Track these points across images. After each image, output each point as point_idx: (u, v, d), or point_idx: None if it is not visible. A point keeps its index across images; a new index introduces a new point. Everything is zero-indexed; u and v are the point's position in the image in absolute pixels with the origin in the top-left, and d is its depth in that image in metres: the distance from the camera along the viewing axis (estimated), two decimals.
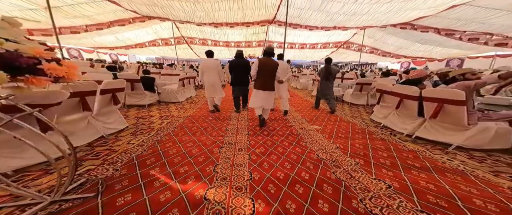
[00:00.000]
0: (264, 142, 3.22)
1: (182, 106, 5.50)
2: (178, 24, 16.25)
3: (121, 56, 20.18)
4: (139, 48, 17.49)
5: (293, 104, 6.41)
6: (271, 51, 3.52)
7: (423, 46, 14.11)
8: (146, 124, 3.81)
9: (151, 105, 5.32)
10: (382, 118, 4.02)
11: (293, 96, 7.84)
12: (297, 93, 8.81)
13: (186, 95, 6.42)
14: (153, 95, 5.22)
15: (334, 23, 13.19)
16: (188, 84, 6.50)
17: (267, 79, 3.45)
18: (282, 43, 20.13)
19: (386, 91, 3.83)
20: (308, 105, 6.17)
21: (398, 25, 12.36)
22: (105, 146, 2.74)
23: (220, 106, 5.04)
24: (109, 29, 13.08)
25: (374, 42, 16.22)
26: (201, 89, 8.83)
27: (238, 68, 4.34)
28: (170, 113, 4.70)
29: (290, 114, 5.14)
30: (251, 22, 15.01)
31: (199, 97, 7.01)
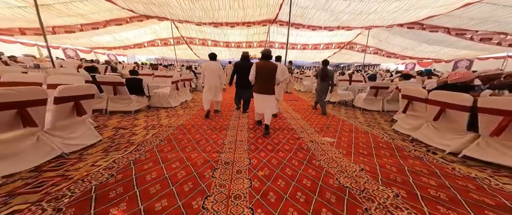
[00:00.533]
0: (269, 161, 2.54)
1: (175, 112, 4.83)
2: (177, 24, 15.61)
3: (120, 56, 19.56)
4: (138, 48, 16.86)
5: (298, 109, 5.74)
6: (268, 54, 3.37)
7: (431, 47, 13.40)
8: (125, 136, 3.13)
9: (139, 111, 4.64)
10: (411, 129, 3.32)
11: (297, 100, 7.15)
12: (302, 97, 8.14)
13: (180, 99, 5.74)
14: (142, 100, 4.55)
15: (338, 23, 12.49)
16: (183, 88, 5.81)
17: (265, 83, 3.31)
18: (284, 44, 19.46)
19: (418, 99, 3.13)
20: (316, 111, 5.49)
21: (406, 25, 11.65)
22: (58, 170, 2.06)
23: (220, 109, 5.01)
24: (105, 29, 12.46)
25: (378, 43, 15.53)
26: (198, 92, 8.16)
27: (243, 70, 4.15)
28: (159, 121, 4.02)
29: (296, 121, 4.46)
30: (252, 22, 14.35)
31: (195, 101, 6.33)
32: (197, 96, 7.16)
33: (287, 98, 7.54)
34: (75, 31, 11.52)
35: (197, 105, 5.74)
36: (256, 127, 3.90)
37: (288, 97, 7.69)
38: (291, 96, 8.01)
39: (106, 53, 17.44)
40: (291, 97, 7.84)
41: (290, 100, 6.97)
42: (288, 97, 7.69)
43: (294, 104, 6.42)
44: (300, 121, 4.55)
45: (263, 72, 3.27)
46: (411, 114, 3.34)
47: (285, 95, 8.09)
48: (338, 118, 4.78)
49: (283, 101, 6.80)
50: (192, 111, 5.11)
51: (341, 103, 6.54)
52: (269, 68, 3.27)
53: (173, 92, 5.18)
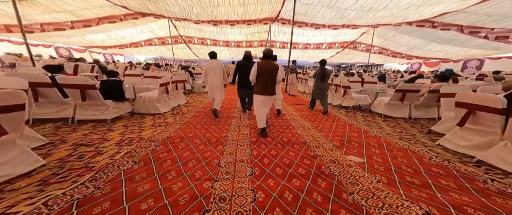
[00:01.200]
0: (281, 194, 1.78)
1: (163, 120, 3.99)
2: (175, 22, 14.78)
3: (116, 56, 18.71)
4: (134, 47, 16.02)
5: (307, 116, 4.92)
6: (270, 54, 3.21)
7: (440, 46, 12.60)
8: (85, 158, 2.29)
9: (118, 119, 3.79)
10: (471, 147, 2.45)
11: (303, 104, 6.31)
12: (307, 100, 7.19)
13: (171, 104, 4.90)
14: (122, 105, 3.70)
15: (344, 21, 11.67)
16: (175, 91, 4.96)
17: (267, 84, 3.15)
18: (285, 43, 18.63)
19: (489, 109, 2.29)
20: (329, 119, 4.68)
21: (415, 22, 10.84)
22: None
23: (219, 113, 4.55)
24: (98, 26, 11.62)
25: (384, 42, 14.72)
26: (195, 95, 7.34)
27: (245, 70, 4.00)
28: (140, 133, 3.18)
29: (307, 132, 3.65)
30: (253, 20, 13.52)
31: (189, 106, 5.49)
32: (192, 100, 6.33)
33: (291, 101, 6.71)
34: (66, 29, 10.67)
35: (191, 110, 4.90)
36: (260, 140, 3.09)
37: (292, 101, 6.80)
38: (295, 100, 7.15)
39: (102, 53, 16.59)
40: (296, 100, 6.98)
41: (295, 105, 6.13)
42: (292, 101, 6.80)
43: (300, 109, 5.59)
44: (312, 130, 3.73)
45: (265, 72, 3.10)
46: (472, 128, 2.49)
47: (288, 98, 7.26)
48: (357, 127, 3.95)
49: (288, 105, 5.98)
50: (184, 117, 4.28)
51: (355, 108, 5.69)
52: (271, 68, 3.11)
53: (162, 96, 4.34)
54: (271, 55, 3.20)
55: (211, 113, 4.43)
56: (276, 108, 4.80)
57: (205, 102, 5.94)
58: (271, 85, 3.15)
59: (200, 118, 4.32)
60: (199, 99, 6.52)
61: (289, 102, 6.39)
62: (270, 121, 4.14)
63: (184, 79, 5.44)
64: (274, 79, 3.16)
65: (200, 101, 6.15)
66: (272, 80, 3.15)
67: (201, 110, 5.01)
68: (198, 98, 6.60)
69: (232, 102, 6.13)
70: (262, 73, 3.08)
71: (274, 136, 3.33)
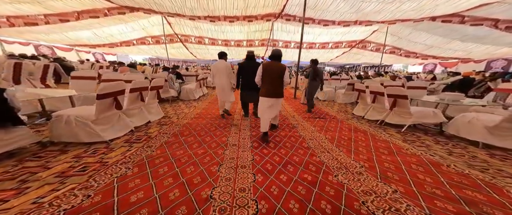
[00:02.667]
0: None
1: (99, 158, 2.31)
2: (170, 20, 13.06)
3: (108, 56, 16.96)
4: (126, 46, 14.29)
5: (341, 139, 3.22)
6: (278, 54, 2.92)
7: (463, 44, 10.89)
8: None
9: (11, 156, 2.16)
10: None
11: (325, 118, 4.62)
12: (328, 110, 5.40)
13: (132, 123, 3.15)
14: (13, 134, 2.01)
15: (358, 16, 9.95)
16: (139, 102, 3.25)
17: (273, 85, 2.90)
18: (288, 43, 16.84)
19: None
20: (358, 137, 3.13)
21: (441, 18, 9.12)
22: None
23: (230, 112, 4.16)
24: (80, 22, 9.90)
25: (397, 41, 13.00)
26: (181, 104, 5.65)
27: (248, 71, 3.65)
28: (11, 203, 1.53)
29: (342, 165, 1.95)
30: (254, 16, 11.78)
31: (167, 123, 3.80)
32: (176, 111, 4.59)
33: (308, 114, 4.87)
34: (39, 24, 8.96)
35: (166, 132, 3.21)
36: (264, 165, 1.45)
37: (309, 113, 4.84)
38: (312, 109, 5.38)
39: (91, 52, 14.88)
40: (313, 111, 5.19)
41: (313, 119, 4.43)
42: (309, 113, 4.84)
43: (321, 124, 3.91)
44: (353, 165, 2.05)
45: (271, 74, 2.87)
46: None
47: (300, 107, 5.57)
48: (447, 171, 2.17)
49: (303, 119, 4.31)
50: (147, 147, 2.58)
51: (412, 127, 3.79)
52: (278, 69, 2.85)
53: (108, 114, 2.64)
54: (280, 56, 2.93)
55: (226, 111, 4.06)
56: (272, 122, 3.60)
57: (193, 114, 4.29)
58: (277, 87, 2.92)
59: (174, 146, 2.64)
60: (185, 110, 4.77)
61: (304, 115, 4.67)
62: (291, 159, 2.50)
63: (158, 85, 3.71)
64: (281, 80, 2.90)
65: (186, 114, 4.45)
66: (279, 82, 2.91)
67: (181, 129, 3.33)
68: (184, 109, 4.89)
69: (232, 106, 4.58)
70: (268, 74, 2.88)
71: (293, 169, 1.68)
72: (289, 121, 4.20)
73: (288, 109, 5.36)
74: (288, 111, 5.10)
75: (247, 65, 3.77)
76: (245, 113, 4.23)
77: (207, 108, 5.12)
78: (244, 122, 3.95)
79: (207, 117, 4.22)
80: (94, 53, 15.24)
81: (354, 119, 4.47)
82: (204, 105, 5.40)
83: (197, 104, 5.51)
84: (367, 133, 3.44)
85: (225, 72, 3.78)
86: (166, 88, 4.92)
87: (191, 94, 5.83)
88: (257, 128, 3.54)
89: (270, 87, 2.89)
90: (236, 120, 4.10)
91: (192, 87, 5.83)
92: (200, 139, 2.97)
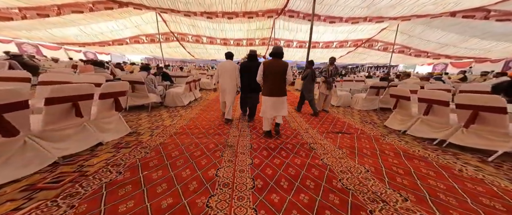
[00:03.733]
0: None
1: None
2: (165, 17, 11.96)
3: (101, 55, 15.81)
4: (119, 45, 13.17)
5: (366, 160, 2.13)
6: (280, 52, 2.78)
7: (481, 43, 9.80)
8: None
9: None
10: None
11: (350, 133, 3.50)
12: (349, 120, 4.17)
13: (68, 149, 2.06)
14: None
15: (370, 12, 8.85)
16: (71, 119, 2.08)
17: (275, 84, 2.79)
18: (290, 42, 15.69)
19: None
20: (420, 170, 1.93)
21: (462, 12, 8.03)
22: None
23: None
24: (63, 18, 8.79)
25: (407, 39, 11.90)
26: (165, 112, 4.54)
27: (248, 72, 3.45)
28: None
29: None
30: (255, 12, 10.68)
31: (130, 145, 2.71)
32: (153, 123, 3.52)
33: (324, 127, 3.67)
34: (15, 19, 7.84)
35: (115, 166, 2.11)
36: None
37: (326, 126, 3.65)
38: (328, 118, 4.26)
39: (82, 51, 13.75)
40: (330, 120, 4.11)
41: (333, 133, 3.32)
42: (326, 126, 3.65)
43: (348, 144, 2.80)
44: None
45: (273, 72, 2.75)
46: None
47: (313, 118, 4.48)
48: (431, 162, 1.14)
49: (319, 134, 3.21)
50: None
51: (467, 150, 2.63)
52: (279, 67, 2.75)
53: (15, 145, 1.54)
54: (281, 54, 2.78)
55: None
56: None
57: (175, 128, 3.18)
58: (280, 86, 2.78)
59: (122, 193, 1.52)
60: (167, 122, 3.58)
61: (319, 127, 3.56)
62: None
63: (115, 91, 2.57)
64: (283, 78, 2.76)
65: (165, 127, 3.28)
66: (281, 80, 2.76)
67: (148, 157, 2.20)
68: (166, 120, 3.71)
69: None
70: (270, 72, 2.74)
71: None
72: (302, 136, 3.11)
73: (297, 119, 4.26)
74: (298, 122, 4.01)
75: (249, 66, 3.49)
76: (244, 112, 3.94)
77: (197, 117, 4.01)
78: (242, 141, 2.86)
79: (194, 132, 3.13)
80: (85, 52, 14.11)
81: (392, 134, 3.32)
82: (193, 114, 4.30)
83: (185, 112, 4.39)
84: (431, 163, 2.28)
85: (232, 73, 3.54)
86: (142, 93, 3.84)
87: (178, 99, 4.71)
88: (262, 156, 2.45)
89: (272, 86, 2.76)
90: (232, 137, 3.01)
91: (179, 91, 4.73)
92: (174, 174, 1.88)
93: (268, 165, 2.19)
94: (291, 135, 3.17)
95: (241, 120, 3.92)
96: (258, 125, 3.68)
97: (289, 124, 3.83)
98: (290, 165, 2.18)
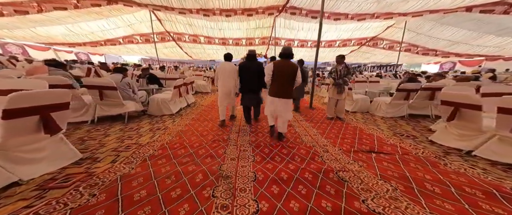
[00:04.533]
0: None
1: None
2: (159, 15, 11.13)
3: (94, 56, 14.92)
4: (111, 45, 12.33)
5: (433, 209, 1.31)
6: (290, 52, 2.63)
7: (496, 39, 9.08)
8: None
9: None
10: None
11: (387, 153, 2.63)
12: (374, 131, 3.34)
13: None
14: None
15: (378, 8, 8.08)
16: None
17: (284, 85, 2.64)
18: (291, 41, 14.91)
19: None
20: None
21: (480, 7, 7.28)
22: None
23: None
24: (46, 15, 7.96)
25: (415, 37, 11.17)
26: (148, 121, 3.72)
27: (248, 72, 3.32)
28: None
29: None
30: (254, 9, 9.88)
31: (69, 182, 1.88)
32: (123, 141, 2.73)
33: (347, 142, 2.86)
34: None
35: None
36: None
37: (349, 141, 2.87)
38: (348, 128, 3.44)
39: (74, 52, 12.88)
40: (350, 131, 3.29)
41: (363, 152, 2.46)
42: (349, 141, 2.87)
43: (387, 167, 2.01)
44: None
45: (283, 73, 2.60)
46: None
47: (332, 130, 3.68)
48: None
49: (344, 154, 2.41)
50: None
51: None
52: (290, 68, 2.60)
53: None
54: (291, 55, 2.65)
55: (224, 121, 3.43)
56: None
57: (153, 149, 2.35)
58: (289, 87, 2.66)
59: None
60: (143, 138, 2.75)
61: (340, 140, 2.80)
62: None
63: (50, 103, 1.69)
64: (293, 81, 2.63)
65: (138, 148, 2.44)
66: (291, 82, 2.65)
67: (96, 204, 1.41)
68: (143, 136, 2.87)
69: None
70: (280, 74, 2.59)
71: None
72: (322, 158, 2.31)
73: (309, 130, 3.45)
74: (311, 134, 3.21)
75: (247, 66, 3.32)
76: (247, 119, 3.63)
77: (186, 131, 3.16)
78: (243, 167, 2.06)
79: (179, 154, 2.32)
80: (77, 53, 13.25)
81: (450, 155, 2.43)
82: (182, 125, 3.45)
83: (172, 123, 3.55)
84: None
85: (232, 75, 3.41)
86: (115, 101, 3.03)
87: (165, 107, 3.89)
88: (272, 195, 1.66)
89: (281, 87, 2.65)
90: (230, 160, 2.21)
91: (166, 97, 3.91)
92: None
93: (282, 212, 1.40)
94: (306, 155, 2.38)
95: (241, 134, 3.11)
96: (262, 140, 2.89)
97: (300, 137, 3.03)
98: (316, 213, 1.39)
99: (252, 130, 3.33)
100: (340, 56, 3.93)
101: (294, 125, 3.66)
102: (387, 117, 4.10)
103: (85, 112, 3.19)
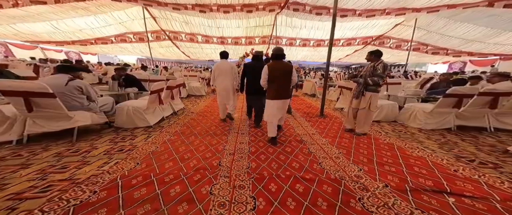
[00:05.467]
0: None
1: None
2: (153, 12, 10.27)
3: (86, 55, 14.03)
4: (103, 44, 11.46)
5: None
6: (281, 53, 2.57)
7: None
8: None
9: None
10: None
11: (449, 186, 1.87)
12: (410, 149, 2.52)
13: None
14: None
15: (389, 3, 7.26)
16: None
17: (283, 86, 2.59)
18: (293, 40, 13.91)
19: None
20: None
21: (504, 1, 6.45)
22: None
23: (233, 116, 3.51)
24: (25, 9, 7.10)
25: (425, 35, 10.35)
26: (108, 136, 2.86)
27: (254, 73, 3.11)
28: None
29: None
30: (254, 5, 9.04)
31: None
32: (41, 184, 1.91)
33: (389, 171, 2.04)
34: None
35: None
36: None
37: (391, 169, 2.00)
38: (380, 147, 2.54)
39: (64, 51, 12.01)
40: (386, 151, 2.40)
41: (424, 192, 1.63)
42: (391, 169, 2.00)
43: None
44: None
45: (278, 74, 2.54)
46: None
47: (359, 152, 2.83)
48: None
49: (392, 191, 1.57)
50: None
51: None
52: (284, 69, 2.55)
53: None
54: (283, 55, 2.59)
55: None
56: None
57: (100, 183, 1.46)
58: (286, 88, 2.61)
59: None
60: (91, 168, 1.87)
61: (378, 168, 1.96)
62: None
63: None
64: (289, 80, 2.59)
65: (82, 186, 1.62)
66: (287, 82, 2.59)
67: None
68: (93, 163, 1.96)
69: None
70: (275, 76, 2.53)
71: None
72: (355, 196, 1.46)
73: (327, 149, 2.58)
74: (331, 155, 2.35)
75: (254, 67, 3.17)
76: (249, 114, 3.64)
77: (160, 152, 2.27)
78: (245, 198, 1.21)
79: (133, 198, 1.45)
80: (67, 52, 12.36)
81: None
82: (157, 143, 2.52)
83: (144, 140, 2.60)
84: None
85: (229, 73, 3.28)
86: (55, 113, 2.13)
87: (138, 118, 2.96)
88: None
89: (279, 89, 2.57)
90: (219, 206, 1.37)
91: (141, 105, 2.97)
92: None
93: None
94: (335, 198, 1.52)
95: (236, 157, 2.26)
96: (266, 167, 2.05)
97: (318, 161, 2.18)
98: None
99: (252, 150, 2.48)
100: (374, 53, 2.87)
101: (306, 141, 2.81)
102: (426, 128, 3.21)
103: (9, 128, 2.26)
